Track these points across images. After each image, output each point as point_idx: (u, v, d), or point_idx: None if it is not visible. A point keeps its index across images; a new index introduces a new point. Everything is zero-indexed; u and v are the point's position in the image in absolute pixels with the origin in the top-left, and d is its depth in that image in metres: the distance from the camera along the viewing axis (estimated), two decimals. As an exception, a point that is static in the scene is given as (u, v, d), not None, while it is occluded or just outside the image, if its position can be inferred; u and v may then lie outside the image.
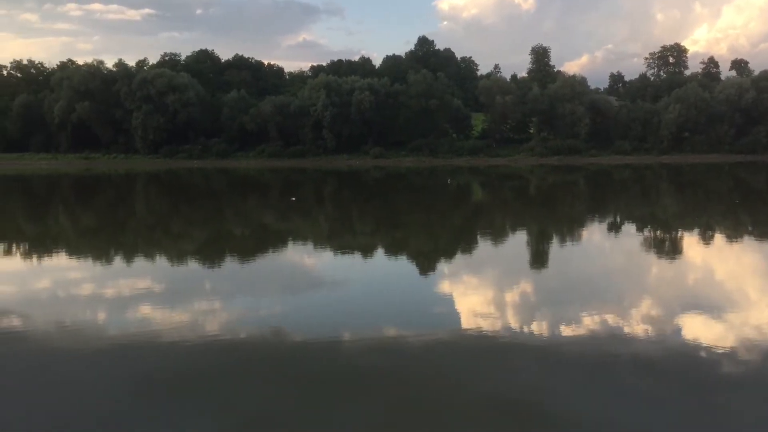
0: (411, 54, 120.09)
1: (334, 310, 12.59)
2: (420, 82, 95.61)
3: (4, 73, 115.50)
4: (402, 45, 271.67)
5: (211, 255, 19.91)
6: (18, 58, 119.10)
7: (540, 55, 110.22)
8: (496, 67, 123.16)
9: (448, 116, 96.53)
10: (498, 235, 23.98)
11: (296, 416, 7.68)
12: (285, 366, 9.36)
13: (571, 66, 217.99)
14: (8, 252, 20.96)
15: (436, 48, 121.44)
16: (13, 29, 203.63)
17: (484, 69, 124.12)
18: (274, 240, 23.19)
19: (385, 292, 14.37)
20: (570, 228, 25.82)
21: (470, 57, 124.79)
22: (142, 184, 57.76)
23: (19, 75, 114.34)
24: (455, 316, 12.08)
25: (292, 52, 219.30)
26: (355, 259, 19.06)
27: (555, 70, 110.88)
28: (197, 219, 30.18)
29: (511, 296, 13.74)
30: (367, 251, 20.35)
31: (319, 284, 15.27)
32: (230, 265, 18.43)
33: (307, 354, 9.89)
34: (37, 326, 11.51)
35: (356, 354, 9.80)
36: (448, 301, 13.54)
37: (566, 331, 10.91)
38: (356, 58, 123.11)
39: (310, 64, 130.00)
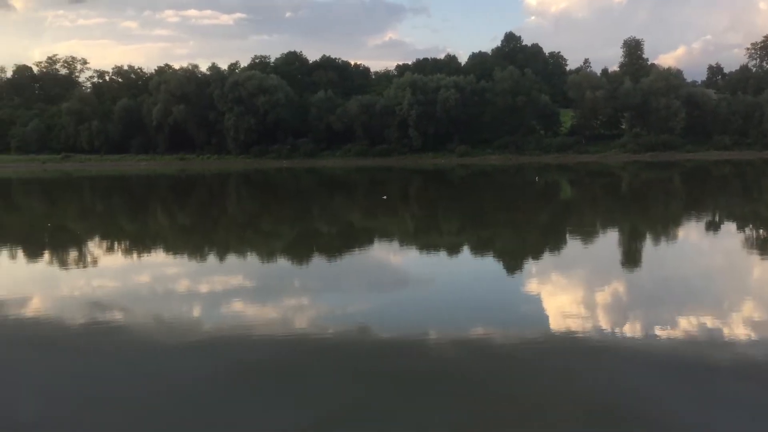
0: (497, 50, 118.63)
1: (419, 308, 12.59)
2: (506, 78, 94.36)
3: (107, 78, 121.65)
4: (488, 42, 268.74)
5: (300, 252, 20.30)
6: (119, 64, 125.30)
7: (632, 48, 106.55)
8: (586, 61, 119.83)
9: (535, 113, 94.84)
10: (588, 233, 23.35)
11: (380, 413, 7.72)
12: (370, 363, 9.43)
13: (665, 59, 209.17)
14: (111, 249, 22.07)
15: (523, 44, 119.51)
16: (115, 37, 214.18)
17: (573, 64, 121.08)
18: (361, 238, 23.41)
19: (472, 290, 14.25)
20: (665, 226, 24.85)
21: (558, 52, 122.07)
22: (234, 184, 59.58)
23: (120, 80, 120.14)
24: (543, 316, 11.85)
25: (378, 52, 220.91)
26: (440, 258, 19.00)
27: (648, 63, 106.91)
28: (287, 217, 30.86)
29: (602, 296, 13.35)
30: (452, 250, 20.25)
31: (406, 282, 15.31)
32: (318, 262, 18.75)
33: (392, 351, 9.92)
34: (136, 319, 12.06)
35: (442, 353, 9.76)
36: (536, 300, 13.29)
37: (661, 333, 10.50)
38: (441, 56, 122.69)
39: (395, 63, 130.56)
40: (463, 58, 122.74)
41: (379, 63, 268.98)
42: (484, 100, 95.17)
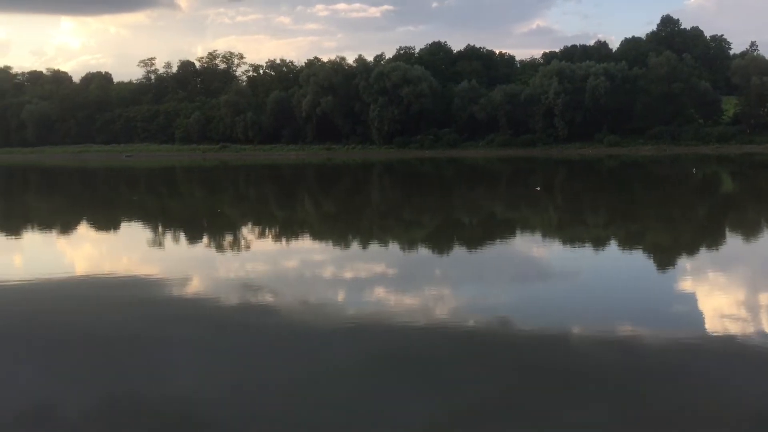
0: (652, 35, 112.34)
1: (563, 302, 12.24)
2: (662, 64, 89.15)
3: (261, 72, 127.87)
4: (642, 26, 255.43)
5: (442, 242, 20.37)
6: (272, 58, 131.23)
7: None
8: (753, 44, 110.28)
9: (693, 100, 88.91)
10: (750, 230, 21.62)
11: (520, 406, 7.60)
12: (511, 355, 9.31)
13: None
14: (262, 234, 23.27)
15: (682, 27, 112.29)
16: (269, 32, 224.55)
17: (737, 47, 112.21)
18: (504, 229, 23.10)
19: (619, 286, 13.67)
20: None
21: (721, 35, 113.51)
22: (377, 174, 60.76)
23: (272, 73, 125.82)
24: (698, 316, 11.15)
25: (525, 40, 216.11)
26: (586, 251, 18.38)
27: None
28: (429, 207, 31.04)
29: (766, 298, 12.35)
30: (599, 243, 19.50)
31: (549, 275, 14.95)
32: (460, 252, 18.74)
33: (534, 345, 9.73)
34: (284, 302, 12.64)
35: (585, 348, 9.45)
36: (690, 299, 12.52)
37: (835, 341, 9.55)
38: (591, 42, 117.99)
39: (542, 51, 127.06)
40: (614, 44, 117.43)
41: (525, 51, 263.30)
42: (636, 88, 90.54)
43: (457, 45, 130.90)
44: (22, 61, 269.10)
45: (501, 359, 9.16)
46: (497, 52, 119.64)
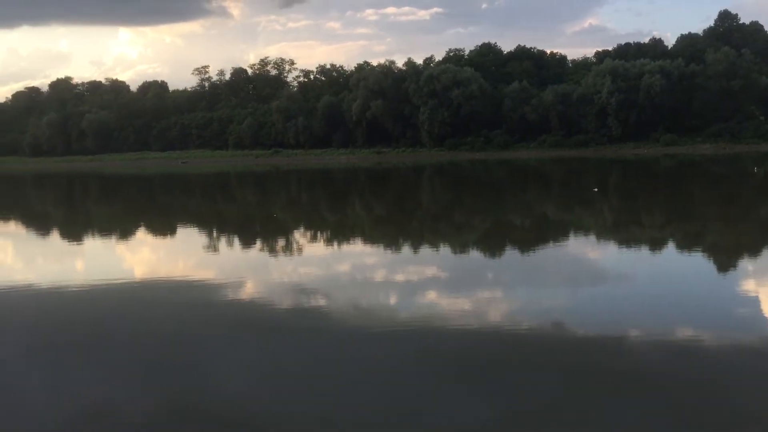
0: (710, 31, 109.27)
1: (618, 305, 11.99)
2: (720, 60, 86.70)
3: (311, 77, 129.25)
4: (699, 22, 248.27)
5: (493, 244, 20.20)
6: (322, 63, 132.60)
7: None
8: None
9: (753, 97, 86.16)
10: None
11: (574, 411, 7.46)
12: (565, 360, 9.14)
13: None
14: (314, 238, 23.49)
15: (740, 22, 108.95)
16: (320, 37, 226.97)
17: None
18: (558, 230, 22.77)
19: (677, 289, 13.30)
20: None
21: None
22: (427, 176, 60.66)
23: (323, 78, 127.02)
24: (763, 321, 10.77)
25: (577, 39, 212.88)
26: (642, 253, 17.96)
27: None
28: (481, 209, 30.84)
29: (834, 301, 11.86)
30: (655, 245, 19.04)
31: (604, 278, 14.67)
32: (512, 254, 18.56)
33: (588, 349, 9.55)
34: (337, 305, 12.71)
35: (642, 353, 9.22)
36: (754, 302, 12.11)
37: None
38: (646, 39, 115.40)
39: (594, 50, 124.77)
40: (669, 41, 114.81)
41: (577, 51, 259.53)
42: (693, 85, 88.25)
43: (507, 46, 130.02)
44: (82, 72, 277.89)
45: (555, 364, 9.01)
46: (548, 52, 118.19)
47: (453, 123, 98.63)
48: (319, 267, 17.10)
